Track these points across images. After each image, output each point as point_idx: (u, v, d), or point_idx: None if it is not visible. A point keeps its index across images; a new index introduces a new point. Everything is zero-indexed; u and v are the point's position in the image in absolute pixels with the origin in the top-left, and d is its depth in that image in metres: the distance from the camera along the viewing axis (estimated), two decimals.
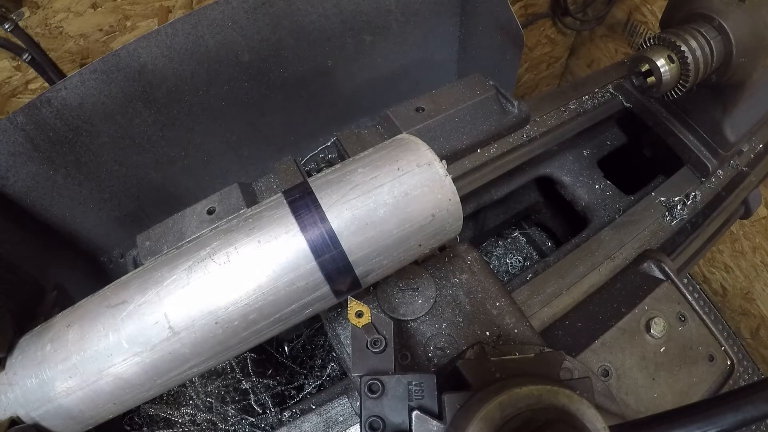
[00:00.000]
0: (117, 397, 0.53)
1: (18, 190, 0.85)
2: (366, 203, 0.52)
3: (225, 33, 0.89)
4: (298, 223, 0.52)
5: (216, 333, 0.52)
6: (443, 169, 0.55)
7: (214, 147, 1.05)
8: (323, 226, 0.52)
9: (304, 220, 0.53)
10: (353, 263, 0.53)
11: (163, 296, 0.51)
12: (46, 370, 0.51)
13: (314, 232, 0.52)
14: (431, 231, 0.56)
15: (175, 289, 0.51)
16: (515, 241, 1.49)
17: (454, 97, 0.96)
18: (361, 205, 0.52)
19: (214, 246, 0.53)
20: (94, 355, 0.51)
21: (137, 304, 0.51)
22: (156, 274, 0.53)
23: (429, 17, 1.15)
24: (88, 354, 0.51)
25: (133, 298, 0.52)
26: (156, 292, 0.52)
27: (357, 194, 0.53)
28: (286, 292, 0.52)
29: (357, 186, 0.54)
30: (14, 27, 1.01)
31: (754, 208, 1.07)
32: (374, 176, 0.55)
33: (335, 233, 0.52)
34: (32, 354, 0.53)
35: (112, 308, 0.52)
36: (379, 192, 0.53)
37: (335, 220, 0.52)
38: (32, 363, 0.52)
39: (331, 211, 0.53)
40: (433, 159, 0.56)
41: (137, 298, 0.52)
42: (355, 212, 0.52)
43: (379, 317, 0.54)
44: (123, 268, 1.02)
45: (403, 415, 0.47)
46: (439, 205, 0.55)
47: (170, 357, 0.52)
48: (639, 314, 0.74)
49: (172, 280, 0.52)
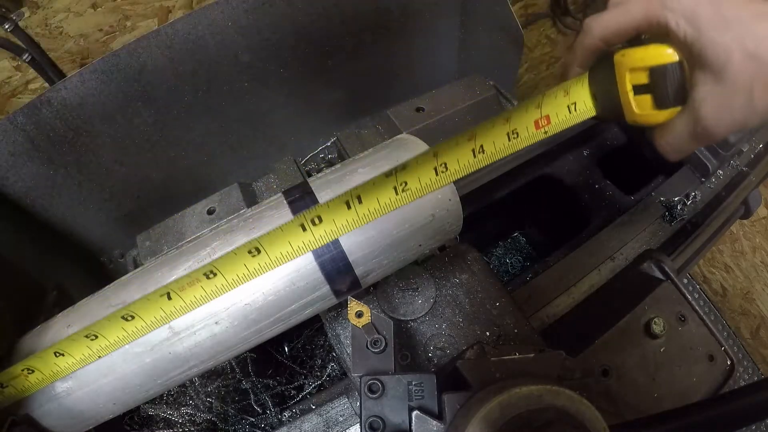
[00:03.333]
0: (117, 398, 0.53)
1: (18, 190, 0.85)
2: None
3: (225, 33, 0.89)
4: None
5: (216, 333, 0.52)
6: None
7: (214, 147, 1.05)
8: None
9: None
10: (353, 263, 0.53)
11: None
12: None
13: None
14: (431, 231, 0.56)
15: None
16: (515, 241, 1.49)
17: (454, 97, 0.97)
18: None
19: (214, 246, 0.53)
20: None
21: None
22: (156, 274, 0.53)
23: (429, 17, 1.15)
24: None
25: (133, 298, 0.52)
26: None
27: None
28: (286, 292, 0.52)
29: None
30: (14, 27, 1.01)
31: (754, 208, 1.07)
32: (374, 176, 0.55)
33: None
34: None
35: (112, 308, 0.52)
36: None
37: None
38: None
39: None
40: None
41: (137, 298, 0.52)
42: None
43: (379, 317, 0.54)
44: (123, 268, 1.02)
45: (403, 415, 0.47)
46: (439, 205, 0.55)
47: (170, 357, 0.52)
48: (639, 314, 0.74)
49: (172, 281, 0.52)
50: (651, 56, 0.42)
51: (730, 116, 0.40)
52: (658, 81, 0.42)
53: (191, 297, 0.48)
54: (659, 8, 0.40)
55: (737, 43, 0.37)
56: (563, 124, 0.47)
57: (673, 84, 0.42)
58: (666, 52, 0.41)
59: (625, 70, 0.43)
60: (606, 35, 0.44)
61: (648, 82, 0.42)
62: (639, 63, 0.42)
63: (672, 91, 0.42)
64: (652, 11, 0.40)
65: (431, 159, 0.48)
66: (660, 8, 0.40)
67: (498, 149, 0.48)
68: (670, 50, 0.41)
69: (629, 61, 0.43)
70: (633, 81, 0.43)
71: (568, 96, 0.47)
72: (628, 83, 0.43)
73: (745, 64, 0.37)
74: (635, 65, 0.42)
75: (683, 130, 0.43)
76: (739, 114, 0.39)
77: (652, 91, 0.43)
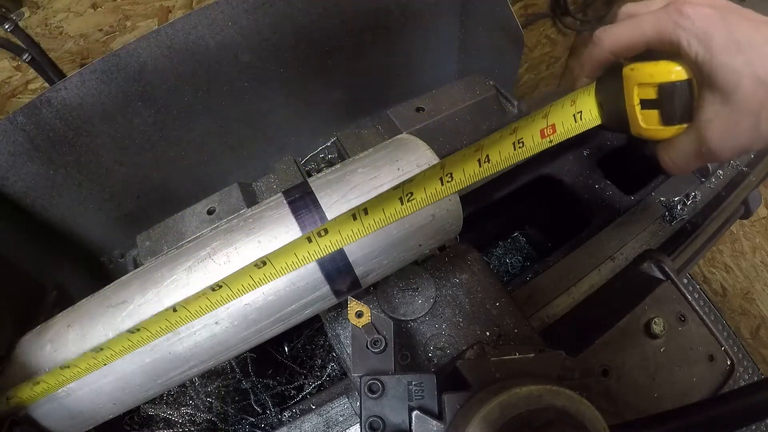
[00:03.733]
0: (117, 398, 0.53)
1: (18, 190, 0.85)
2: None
3: (225, 33, 0.89)
4: (298, 223, 0.53)
5: (216, 333, 0.52)
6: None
7: (214, 147, 1.05)
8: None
9: (304, 220, 0.53)
10: (353, 263, 0.53)
11: (163, 296, 0.51)
12: (45, 371, 0.52)
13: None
14: (431, 231, 0.56)
15: (175, 289, 0.51)
16: (515, 241, 1.49)
17: (454, 97, 0.96)
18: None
19: (214, 246, 0.53)
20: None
21: (137, 305, 0.52)
22: (156, 274, 0.53)
23: (429, 17, 1.14)
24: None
25: (133, 298, 0.52)
26: (156, 292, 0.52)
27: (357, 194, 0.54)
28: (286, 292, 0.53)
29: (357, 186, 0.54)
30: (14, 27, 1.01)
31: (754, 208, 1.07)
32: (374, 176, 0.55)
33: None
34: (32, 354, 0.53)
35: (112, 308, 0.52)
36: (378, 192, 0.53)
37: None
38: (32, 363, 0.52)
39: (331, 211, 0.53)
40: (433, 159, 0.56)
41: (137, 298, 0.52)
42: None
43: (379, 317, 0.54)
44: (123, 268, 1.02)
45: (403, 415, 0.47)
46: (439, 204, 0.55)
47: (170, 357, 0.52)
48: (639, 314, 0.74)
49: (172, 280, 0.52)
50: (660, 73, 0.42)
51: (735, 139, 0.40)
52: (666, 98, 0.42)
53: (196, 307, 0.48)
54: (671, 26, 0.39)
55: (748, 68, 0.37)
56: (568, 133, 0.47)
57: (681, 102, 0.42)
58: (676, 70, 0.41)
59: (634, 84, 0.43)
60: (616, 49, 0.44)
61: (656, 97, 0.42)
62: (648, 79, 0.42)
63: (679, 109, 0.42)
64: (664, 29, 0.40)
65: (438, 170, 0.49)
66: (672, 27, 0.39)
67: (503, 158, 0.49)
68: (679, 68, 0.41)
69: (638, 75, 0.43)
70: (641, 95, 0.43)
71: (574, 105, 0.47)
72: (636, 97, 0.43)
73: (754, 88, 0.37)
74: (644, 80, 0.42)
75: (687, 149, 0.43)
76: (745, 138, 0.39)
77: (659, 107, 0.43)
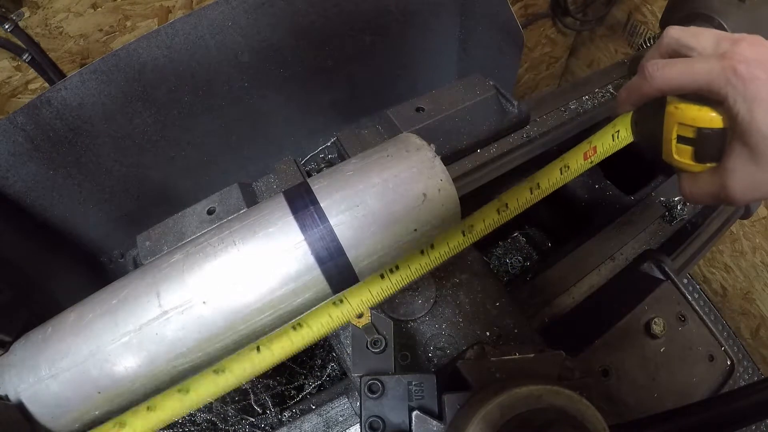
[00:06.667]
0: (110, 400, 0.53)
1: (18, 190, 0.85)
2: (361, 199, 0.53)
3: (225, 33, 0.89)
4: (298, 222, 0.53)
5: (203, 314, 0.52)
6: (431, 152, 0.56)
7: (214, 147, 1.05)
8: (323, 225, 0.52)
9: (304, 220, 0.53)
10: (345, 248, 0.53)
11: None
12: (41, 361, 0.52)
13: (314, 232, 0.52)
14: (425, 213, 0.55)
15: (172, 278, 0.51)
16: (515, 241, 1.49)
17: (454, 97, 0.96)
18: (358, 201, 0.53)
19: (212, 242, 0.53)
20: (93, 352, 0.51)
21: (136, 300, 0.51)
22: (156, 274, 0.53)
23: (429, 17, 1.14)
24: (87, 353, 0.51)
25: (133, 299, 0.52)
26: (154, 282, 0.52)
27: (357, 194, 0.54)
28: (286, 292, 0.53)
29: (357, 185, 0.54)
30: (14, 27, 1.01)
31: (754, 209, 1.07)
32: (374, 175, 0.55)
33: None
34: (31, 352, 0.53)
35: (112, 308, 0.52)
36: (378, 191, 0.53)
37: (334, 219, 0.52)
38: (30, 362, 0.53)
39: (331, 211, 0.53)
40: (433, 157, 0.56)
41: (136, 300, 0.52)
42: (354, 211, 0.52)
43: (379, 317, 0.54)
44: (123, 268, 1.02)
45: (403, 415, 0.47)
46: (430, 183, 0.55)
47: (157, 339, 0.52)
48: (639, 314, 0.74)
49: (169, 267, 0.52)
50: (702, 119, 0.45)
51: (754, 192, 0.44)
52: (702, 141, 0.46)
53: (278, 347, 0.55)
54: (723, 82, 0.42)
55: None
56: (607, 152, 0.55)
57: (715, 146, 0.46)
58: (716, 119, 0.45)
59: (675, 121, 0.47)
60: (665, 88, 0.48)
61: (693, 137, 0.47)
62: (690, 121, 0.46)
63: (712, 152, 0.47)
64: (715, 82, 0.43)
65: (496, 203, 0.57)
66: (724, 83, 0.42)
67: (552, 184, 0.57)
68: (719, 117, 0.45)
69: (681, 116, 0.47)
70: (679, 132, 0.48)
71: (614, 126, 0.54)
72: (674, 132, 0.48)
73: None
74: (685, 121, 0.47)
75: (708, 188, 0.48)
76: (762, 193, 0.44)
77: (694, 146, 0.47)
